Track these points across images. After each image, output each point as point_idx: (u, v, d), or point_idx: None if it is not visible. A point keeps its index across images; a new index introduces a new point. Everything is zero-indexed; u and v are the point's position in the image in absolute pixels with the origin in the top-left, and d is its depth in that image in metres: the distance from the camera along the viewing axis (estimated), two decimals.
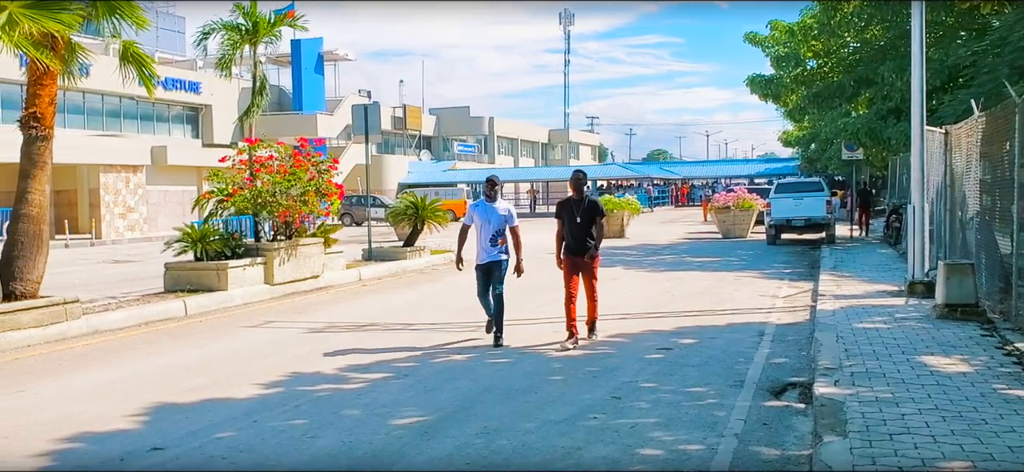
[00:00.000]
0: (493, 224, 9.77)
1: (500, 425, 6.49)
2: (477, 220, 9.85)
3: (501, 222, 9.83)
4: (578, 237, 9.73)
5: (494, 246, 9.77)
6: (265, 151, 15.89)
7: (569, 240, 9.82)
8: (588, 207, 9.80)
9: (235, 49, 15.37)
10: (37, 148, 11.11)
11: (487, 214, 9.83)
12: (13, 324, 10.32)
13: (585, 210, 9.76)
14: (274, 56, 53.86)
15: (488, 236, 9.74)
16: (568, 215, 9.81)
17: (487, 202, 9.90)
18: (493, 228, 9.75)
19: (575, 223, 9.72)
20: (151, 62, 12.84)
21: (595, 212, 9.83)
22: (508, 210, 9.96)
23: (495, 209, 9.85)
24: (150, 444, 6.17)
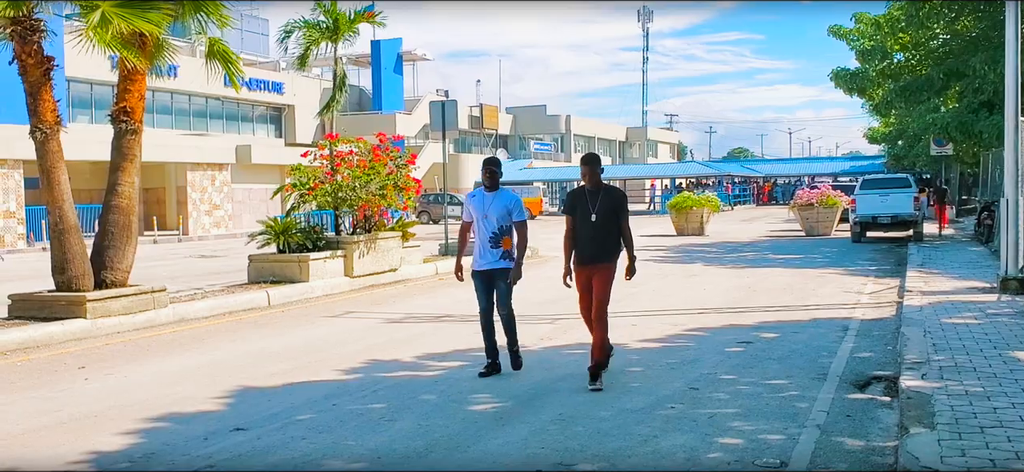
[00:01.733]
0: (493, 220, 7.77)
1: (575, 413, 6.46)
2: (473, 214, 7.91)
3: (503, 217, 7.76)
4: (594, 241, 7.39)
5: (496, 248, 7.75)
6: (345, 146, 16.16)
7: (581, 246, 7.46)
8: (608, 200, 7.42)
9: (315, 45, 15.66)
10: (127, 141, 11.48)
11: (484, 207, 7.81)
12: (104, 311, 10.69)
13: (603, 204, 7.39)
14: (354, 57, 54.67)
15: (487, 235, 7.78)
16: (581, 211, 7.47)
17: (486, 192, 7.90)
18: (494, 225, 7.77)
19: (589, 223, 7.38)
20: (236, 58, 13.15)
21: (618, 207, 7.45)
22: (513, 201, 7.87)
23: (495, 201, 7.79)
24: (233, 425, 6.31)
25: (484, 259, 7.79)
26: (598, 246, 7.38)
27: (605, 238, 7.39)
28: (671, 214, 30.04)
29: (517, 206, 7.87)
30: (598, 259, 7.36)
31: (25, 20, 10.26)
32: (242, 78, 13.09)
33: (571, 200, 7.59)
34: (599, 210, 7.38)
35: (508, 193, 7.86)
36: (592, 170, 7.49)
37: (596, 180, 7.48)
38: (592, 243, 7.41)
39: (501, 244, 7.76)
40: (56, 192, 10.82)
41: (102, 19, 9.88)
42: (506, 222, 7.78)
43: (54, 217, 10.89)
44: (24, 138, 12.00)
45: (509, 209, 7.80)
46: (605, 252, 7.38)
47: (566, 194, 7.80)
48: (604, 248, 7.38)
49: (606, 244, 7.40)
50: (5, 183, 29.13)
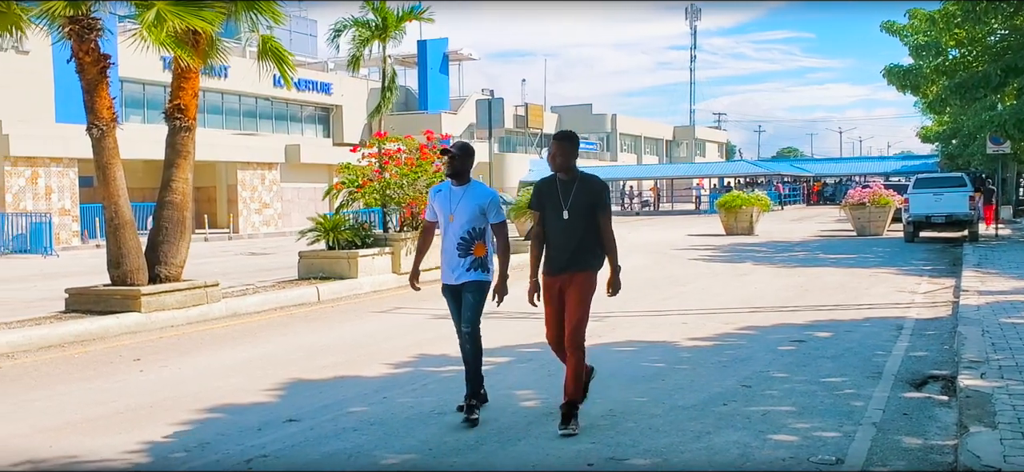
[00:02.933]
0: (461, 221, 6.13)
1: (626, 409, 6.42)
2: (437, 212, 6.33)
3: (474, 217, 6.14)
4: (566, 246, 5.90)
5: (465, 256, 6.14)
6: (393, 145, 16.26)
7: (552, 251, 5.99)
8: (584, 193, 5.92)
9: (365, 45, 15.79)
10: (181, 138, 11.66)
11: (451, 205, 6.19)
12: (158, 305, 10.86)
13: (578, 198, 5.90)
14: (401, 57, 55.04)
15: (454, 240, 6.15)
16: (550, 207, 5.98)
17: (453, 186, 6.26)
18: (462, 227, 6.13)
19: (560, 221, 5.91)
20: (289, 56, 13.30)
21: (596, 201, 5.92)
22: (488, 198, 6.22)
23: (464, 198, 6.16)
24: (286, 416, 6.37)
25: (451, 270, 6.21)
26: (572, 252, 5.89)
27: (581, 241, 5.90)
28: (720, 213, 29.76)
29: (493, 205, 6.20)
30: (572, 267, 5.90)
31: (83, 19, 10.47)
32: (294, 76, 13.23)
33: (538, 193, 6.06)
34: (573, 205, 5.88)
35: (481, 188, 6.28)
36: (563, 150, 5.94)
37: (568, 166, 5.95)
38: (564, 248, 5.90)
39: (471, 251, 6.14)
40: (112, 188, 11.02)
41: (157, 17, 10.05)
42: (478, 224, 6.15)
43: (110, 212, 11.09)
44: (79, 137, 12.26)
45: (483, 208, 6.15)
46: (581, 259, 5.89)
47: (534, 185, 6.22)
48: (579, 254, 5.89)
49: (582, 249, 5.90)
50: (61, 181, 29.78)
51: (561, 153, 5.97)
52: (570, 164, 5.98)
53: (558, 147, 5.98)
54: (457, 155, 6.24)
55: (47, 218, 26.84)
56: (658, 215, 51.59)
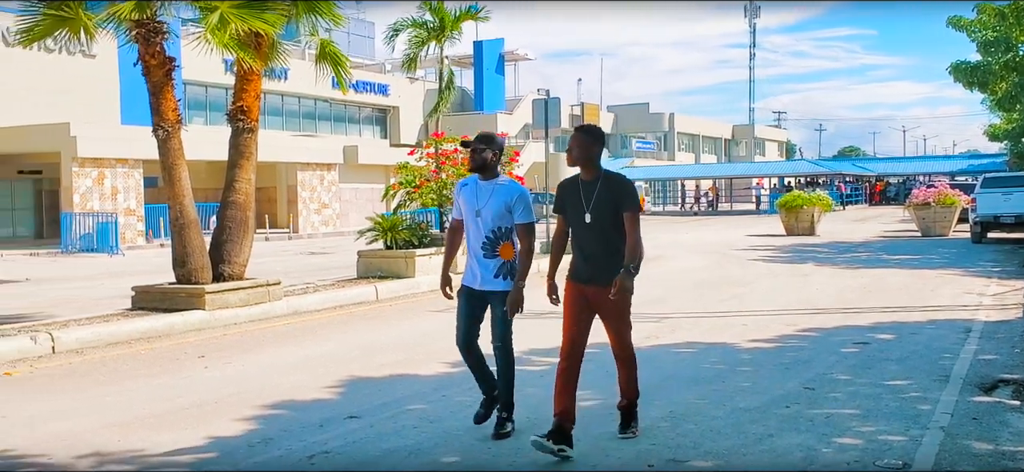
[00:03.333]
0: (487, 219, 5.67)
1: (686, 410, 6.36)
2: (463, 209, 5.85)
3: (501, 215, 5.66)
4: (589, 248, 5.41)
5: (490, 257, 5.68)
6: (450, 145, 16.35)
7: (576, 254, 5.52)
8: (607, 193, 5.37)
9: (422, 45, 15.91)
10: (244, 140, 11.86)
11: (477, 201, 5.73)
12: (222, 303, 11.07)
13: (601, 199, 5.36)
14: (457, 58, 55.34)
15: (480, 240, 5.70)
16: (572, 209, 5.47)
17: (479, 181, 5.78)
18: (488, 226, 5.67)
19: (583, 225, 5.40)
20: (345, 60, 13.46)
21: (621, 200, 5.36)
22: (516, 194, 5.70)
23: (492, 194, 5.69)
24: (347, 412, 6.44)
25: (474, 273, 5.73)
26: (598, 259, 5.36)
27: (606, 246, 5.36)
28: (780, 213, 29.35)
29: (520, 201, 5.65)
30: (599, 279, 5.34)
31: (149, 22, 10.70)
32: (350, 80, 13.38)
33: (560, 194, 5.56)
34: (596, 207, 5.32)
35: (510, 184, 5.77)
36: (580, 142, 5.39)
37: (586, 160, 5.39)
38: (589, 255, 5.39)
39: (498, 253, 5.66)
40: (177, 188, 11.25)
41: (220, 20, 10.23)
42: (505, 223, 5.65)
43: (175, 212, 11.32)
44: (144, 138, 12.55)
45: (509, 205, 5.63)
46: (609, 268, 5.31)
47: (558, 185, 5.73)
48: (606, 261, 5.34)
49: (608, 254, 5.35)
50: (126, 181, 30.49)
51: (578, 145, 5.40)
52: (589, 159, 5.41)
53: (575, 139, 5.41)
54: (479, 147, 5.72)
55: (113, 218, 27.54)
56: (717, 215, 51.06)
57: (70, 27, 10.71)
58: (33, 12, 10.72)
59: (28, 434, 6.03)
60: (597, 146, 5.46)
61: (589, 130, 5.49)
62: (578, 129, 5.50)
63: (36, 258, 24.98)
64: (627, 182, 5.55)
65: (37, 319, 10.96)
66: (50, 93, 31.85)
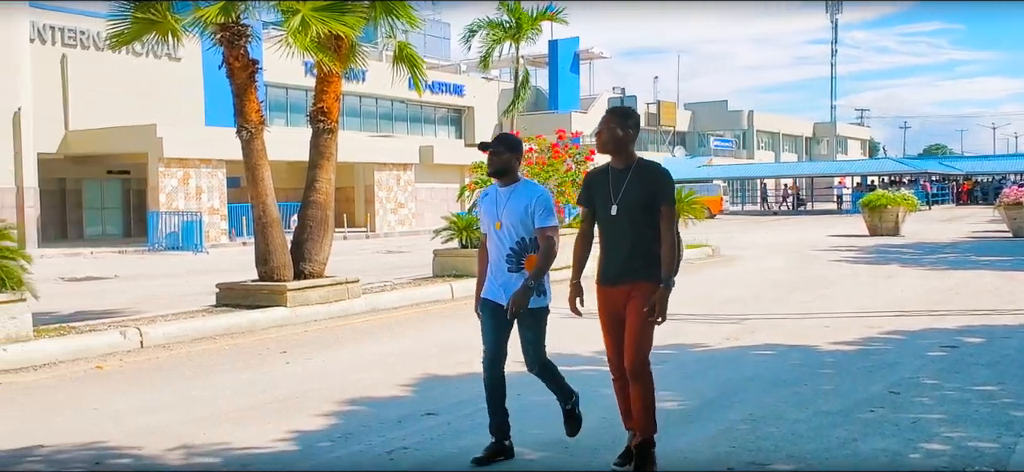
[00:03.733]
0: (508, 227, 5.18)
1: (767, 413, 6.25)
2: (483, 220, 5.43)
3: (523, 222, 5.15)
4: (615, 248, 4.90)
5: (516, 269, 5.20)
6: (524, 144, 16.38)
7: (602, 255, 5.02)
8: (639, 183, 4.83)
9: (498, 44, 15.98)
10: (324, 140, 12.07)
11: (496, 208, 5.25)
12: (302, 300, 11.28)
13: (632, 190, 4.83)
14: (531, 57, 55.45)
15: (503, 251, 5.22)
16: (599, 201, 4.96)
17: (500, 188, 5.29)
18: (511, 235, 5.18)
19: (609, 219, 4.88)
20: (421, 62, 13.61)
21: (655, 192, 4.82)
22: (536, 198, 5.19)
23: (511, 200, 5.19)
24: (424, 409, 6.51)
25: (498, 286, 5.26)
26: (624, 258, 4.83)
27: (633, 244, 4.80)
28: (863, 213, 28.64)
29: (540, 204, 5.14)
30: (627, 277, 4.83)
31: (233, 26, 10.97)
32: (425, 82, 13.51)
33: (588, 184, 5.06)
34: (624, 199, 4.80)
35: (531, 187, 5.27)
36: (610, 125, 4.87)
37: (617, 145, 4.87)
38: (615, 253, 4.87)
39: (523, 265, 5.17)
40: (260, 188, 11.51)
41: (302, 23, 10.43)
42: (529, 232, 5.17)
43: (258, 211, 11.59)
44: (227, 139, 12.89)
45: (530, 210, 5.13)
46: (637, 267, 4.81)
47: (586, 175, 5.35)
48: (634, 260, 4.81)
49: (636, 254, 4.81)
50: (210, 181, 31.31)
51: (607, 128, 4.87)
52: (620, 144, 4.84)
53: (605, 121, 4.90)
54: (497, 149, 5.21)
55: (197, 217, 28.32)
56: (797, 214, 50.07)
57: (158, 30, 11.05)
58: (123, 16, 11.09)
59: (118, 426, 6.23)
60: (629, 129, 4.89)
61: (621, 111, 4.96)
62: (610, 111, 4.96)
63: (124, 256, 25.84)
64: (663, 172, 4.90)
65: (126, 315, 11.34)
66: (138, 95, 32.89)
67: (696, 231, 21.70)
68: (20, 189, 27.04)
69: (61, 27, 31.73)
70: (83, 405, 6.95)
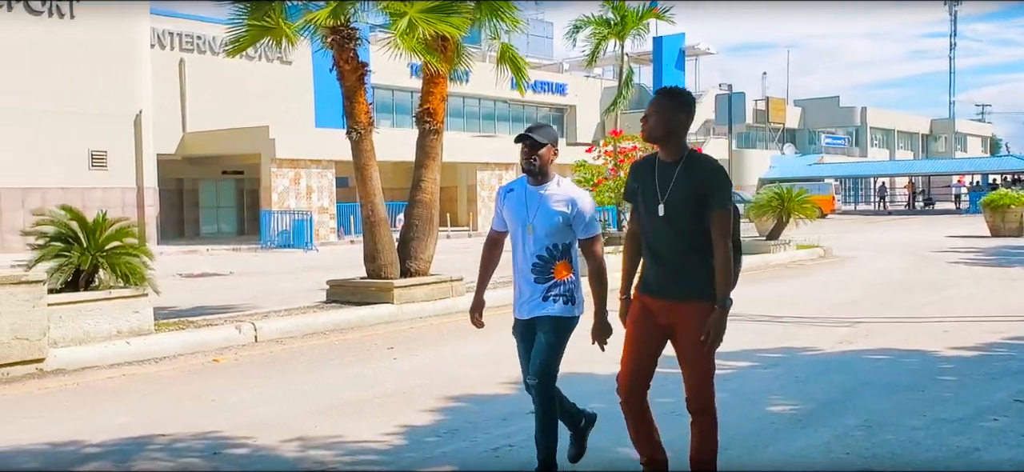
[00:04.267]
0: (540, 233, 4.58)
1: (882, 420, 6.03)
2: (509, 221, 4.73)
3: (556, 228, 4.57)
4: (661, 250, 4.24)
5: (543, 281, 4.62)
6: (628, 143, 16.26)
7: (646, 257, 4.34)
8: (688, 177, 4.15)
9: (602, 42, 15.91)
10: (430, 141, 12.25)
11: (524, 210, 4.63)
12: (408, 297, 11.48)
13: (680, 186, 4.15)
14: (635, 55, 54.99)
15: (529, 259, 4.64)
16: (644, 198, 4.27)
17: (528, 186, 4.67)
18: (539, 242, 4.60)
19: (655, 216, 4.20)
20: (524, 64, 13.72)
21: (707, 191, 4.13)
22: (574, 203, 4.58)
23: (544, 201, 4.59)
24: (528, 408, 6.45)
25: (523, 300, 4.71)
26: (673, 268, 4.19)
27: (682, 253, 4.16)
28: (985, 213, 27.40)
29: (581, 212, 4.57)
30: (676, 293, 4.19)
31: (343, 29, 11.24)
32: (528, 82, 13.61)
33: (633, 177, 4.36)
34: (671, 198, 4.13)
35: (570, 189, 4.65)
36: (659, 108, 4.18)
37: (669, 135, 4.17)
38: (661, 261, 4.21)
39: (552, 274, 4.60)
40: (368, 187, 11.75)
41: (409, 25, 10.61)
42: (562, 240, 4.57)
43: (366, 210, 11.83)
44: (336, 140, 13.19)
45: (568, 218, 4.54)
46: (687, 280, 4.16)
47: (631, 166, 4.55)
48: (685, 272, 4.17)
49: (685, 265, 4.17)
50: (320, 181, 32.14)
51: (655, 112, 4.18)
52: (669, 132, 4.15)
53: (653, 104, 4.22)
54: (538, 141, 4.55)
55: (308, 215, 29.11)
56: (913, 214, 48.25)
57: (272, 36, 11.40)
58: (240, 23, 11.49)
59: (234, 418, 6.45)
60: (681, 114, 4.18)
61: (672, 93, 4.25)
62: (659, 91, 4.28)
63: (238, 253, 26.76)
64: (717, 168, 4.19)
65: (241, 310, 11.73)
66: (251, 98, 34.02)
67: (807, 231, 21.17)
68: (141, 189, 28.28)
69: (179, 32, 33.11)
70: (201, 397, 7.23)
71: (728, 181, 4.23)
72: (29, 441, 5.84)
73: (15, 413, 6.73)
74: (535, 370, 4.70)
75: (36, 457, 5.54)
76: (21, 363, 7.86)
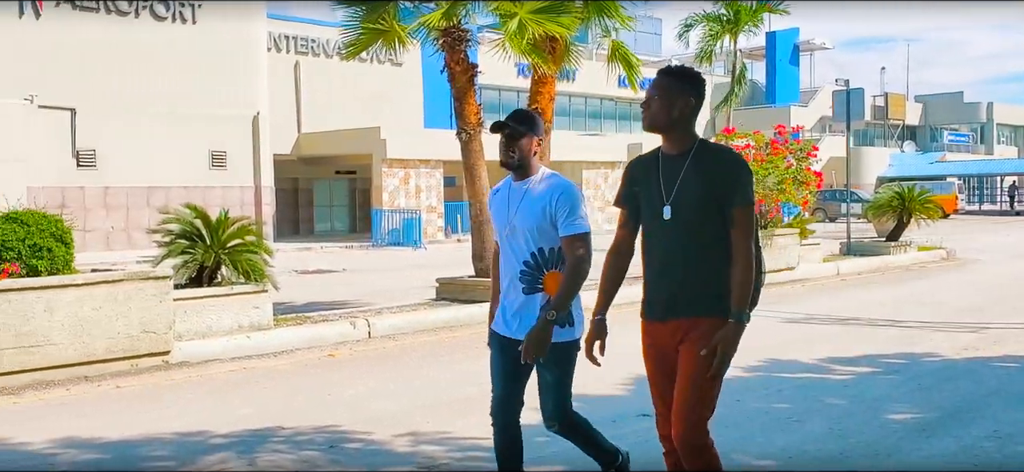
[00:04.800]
0: (522, 234, 4.00)
1: (1013, 430, 5.74)
2: (495, 226, 4.21)
3: (540, 227, 3.98)
4: (667, 266, 3.58)
5: (529, 289, 4.03)
6: (741, 141, 15.94)
7: (648, 275, 3.71)
8: (698, 172, 3.50)
9: (716, 39, 15.65)
10: None
11: (508, 210, 4.06)
12: None
13: (690, 183, 3.50)
14: (748, 50, 53.92)
15: (515, 267, 4.05)
16: (647, 200, 3.63)
17: (512, 182, 4.11)
18: (525, 244, 4.01)
19: (659, 224, 3.56)
20: (636, 61, 13.62)
21: (725, 188, 3.48)
22: (558, 195, 3.96)
23: (525, 199, 4.01)
24: (637, 410, 6.45)
25: (509, 314, 4.07)
26: (680, 283, 3.52)
27: (693, 262, 3.49)
28: None
29: (565, 203, 3.91)
30: (682, 310, 3.53)
31: (454, 30, 11.38)
32: (640, 79, 13.50)
33: (630, 176, 3.70)
34: (678, 197, 3.47)
35: (552, 180, 4.01)
36: (665, 93, 3.50)
37: (674, 122, 3.50)
38: (666, 273, 3.55)
39: (540, 285, 3.98)
40: (477, 187, 11.86)
41: (519, 26, 10.66)
42: (549, 242, 3.97)
43: (475, 210, 11.95)
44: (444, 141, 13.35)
45: (549, 211, 3.92)
46: (697, 295, 3.50)
47: (627, 164, 3.83)
48: (693, 287, 3.50)
49: (698, 277, 3.49)
50: (428, 181, 32.63)
51: (657, 95, 3.50)
52: (675, 119, 3.47)
53: (655, 86, 3.53)
54: (514, 130, 3.93)
55: (417, 214, 29.61)
56: None
57: (385, 39, 11.63)
58: (354, 27, 11.76)
59: (350, 412, 6.60)
60: (689, 96, 3.49)
61: (678, 72, 3.54)
62: (661, 71, 3.58)
63: (350, 251, 27.40)
64: (735, 159, 3.53)
65: (354, 306, 12.01)
66: (362, 99, 34.80)
67: (929, 232, 20.33)
68: (258, 188, 29.28)
69: (294, 36, 34.14)
70: (318, 391, 7.43)
71: (749, 172, 3.52)
72: (159, 431, 6.10)
73: (145, 404, 7.05)
74: (551, 415, 4.14)
75: (167, 446, 5.79)
76: (149, 355, 8.23)
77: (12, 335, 7.46)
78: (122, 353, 8.05)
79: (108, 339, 7.96)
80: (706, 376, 3.44)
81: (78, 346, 7.80)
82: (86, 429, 6.19)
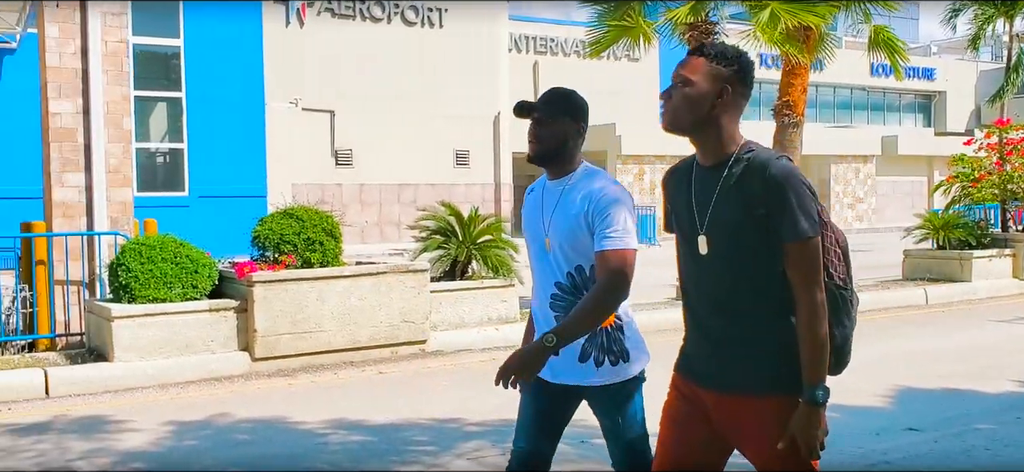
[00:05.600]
0: (558, 248, 3.11)
1: None
2: (525, 237, 3.30)
3: (575, 240, 3.07)
4: (706, 309, 2.65)
5: (563, 316, 3.07)
6: (1017, 133, 14.55)
7: (689, 324, 2.73)
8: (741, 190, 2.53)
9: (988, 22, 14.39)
10: (789, 134, 11.84)
11: (541, 217, 3.17)
12: None
13: (726, 204, 2.55)
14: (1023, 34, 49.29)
15: (548, 288, 3.17)
16: (680, 221, 2.70)
17: (548, 181, 3.22)
18: (562, 262, 3.11)
19: (697, 258, 2.60)
20: (902, 45, 12.80)
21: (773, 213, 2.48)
22: (599, 196, 3.02)
23: (561, 203, 3.12)
24: (904, 424, 6.06)
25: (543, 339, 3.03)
26: (718, 340, 2.64)
27: (740, 311, 2.59)
28: None
29: (604, 207, 3.02)
30: (727, 381, 2.62)
31: (701, 24, 11.17)
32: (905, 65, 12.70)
33: (666, 194, 2.85)
34: (714, 226, 2.59)
35: (593, 177, 3.15)
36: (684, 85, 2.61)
37: (701, 122, 2.62)
38: (706, 324, 2.68)
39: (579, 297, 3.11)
40: None
41: (771, 17, 10.31)
42: (589, 259, 3.08)
43: None
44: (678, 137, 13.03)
45: (588, 220, 3.04)
46: (744, 360, 2.59)
47: (664, 176, 2.84)
48: (736, 346, 2.60)
49: (742, 332, 2.59)
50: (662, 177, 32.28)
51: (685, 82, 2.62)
52: (704, 119, 2.61)
53: (684, 69, 2.64)
54: (545, 115, 3.12)
55: (651, 211, 29.42)
56: None
57: (630, 35, 11.62)
58: (600, 25, 11.83)
59: None
60: (724, 83, 2.59)
61: (717, 52, 2.64)
62: (690, 51, 2.70)
63: None
64: (785, 173, 2.51)
65: None
66: (598, 95, 34.98)
67: None
68: (498, 185, 30.21)
69: (534, 36, 34.91)
70: None
71: (806, 191, 2.49)
72: (419, 417, 6.43)
73: (405, 389, 7.46)
74: (619, 463, 3.24)
75: (426, 431, 6.09)
76: (407, 344, 8.71)
77: (289, 321, 8.13)
78: (383, 340, 8.56)
79: (371, 327, 8.49)
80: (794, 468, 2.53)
81: (345, 333, 8.37)
82: (353, 411, 6.62)
